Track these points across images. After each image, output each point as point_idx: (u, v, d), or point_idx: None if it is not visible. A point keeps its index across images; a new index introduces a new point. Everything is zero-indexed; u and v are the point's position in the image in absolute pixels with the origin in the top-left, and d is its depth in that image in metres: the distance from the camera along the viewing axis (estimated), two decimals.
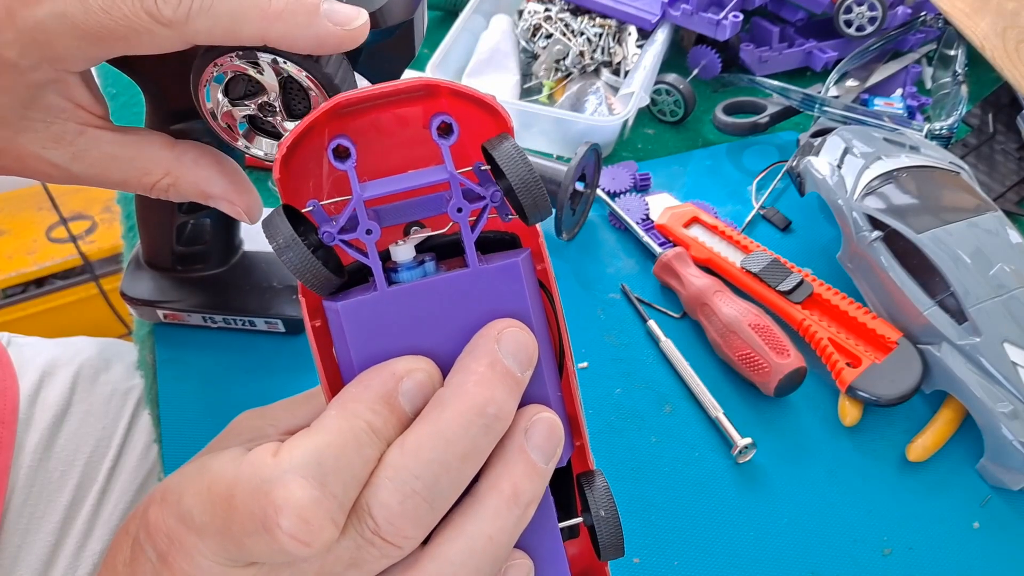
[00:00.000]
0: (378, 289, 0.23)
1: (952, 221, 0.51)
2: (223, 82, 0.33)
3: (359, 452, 0.22)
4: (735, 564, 0.43)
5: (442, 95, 0.25)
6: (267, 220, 0.23)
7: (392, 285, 0.23)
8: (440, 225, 0.26)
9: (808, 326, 0.51)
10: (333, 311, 0.24)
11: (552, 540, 0.26)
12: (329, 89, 0.32)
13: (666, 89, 0.68)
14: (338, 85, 0.32)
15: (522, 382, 0.23)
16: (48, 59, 0.30)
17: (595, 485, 0.26)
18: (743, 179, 0.65)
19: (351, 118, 0.25)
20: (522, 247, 0.27)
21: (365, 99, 0.24)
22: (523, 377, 0.23)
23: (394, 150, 0.26)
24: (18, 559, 0.50)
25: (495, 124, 0.26)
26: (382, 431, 0.22)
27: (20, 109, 0.31)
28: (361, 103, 0.24)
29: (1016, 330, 0.47)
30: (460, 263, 0.25)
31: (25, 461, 0.53)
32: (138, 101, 0.71)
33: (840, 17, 0.71)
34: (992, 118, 0.68)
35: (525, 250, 0.26)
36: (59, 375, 0.58)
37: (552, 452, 0.24)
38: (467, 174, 0.25)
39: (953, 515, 0.45)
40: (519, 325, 0.24)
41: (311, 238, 0.23)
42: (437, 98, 0.26)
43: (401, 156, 0.26)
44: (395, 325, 0.24)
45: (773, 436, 0.48)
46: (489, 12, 0.75)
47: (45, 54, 0.30)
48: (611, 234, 0.61)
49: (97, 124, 0.34)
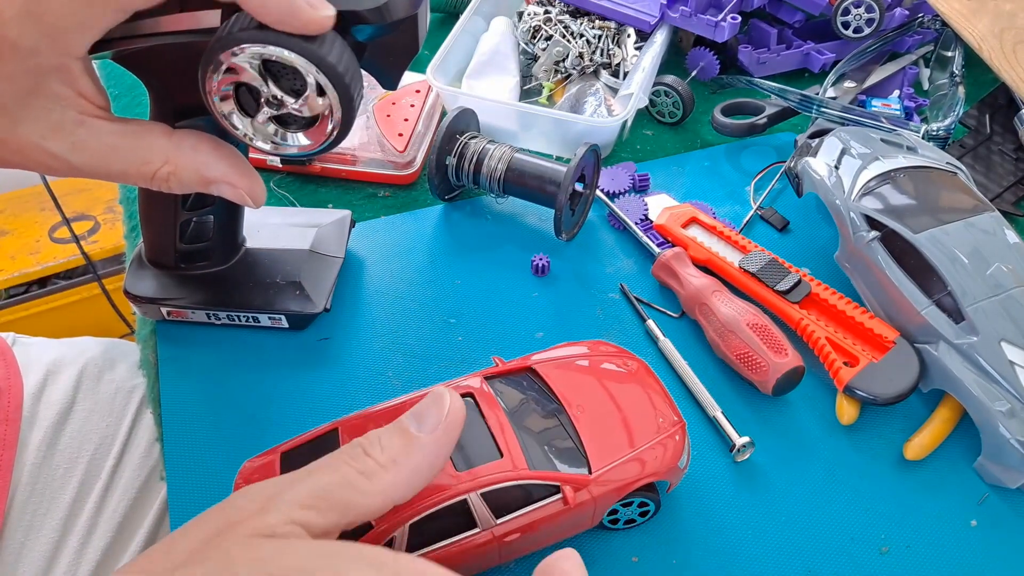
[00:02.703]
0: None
1: (949, 221, 0.51)
2: (231, 98, 0.33)
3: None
4: (733, 562, 0.43)
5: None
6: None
7: None
8: None
9: (806, 326, 0.51)
10: None
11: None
12: (325, 69, 0.32)
13: (665, 90, 0.68)
14: (332, 63, 0.32)
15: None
16: (47, 35, 0.30)
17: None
18: (741, 180, 0.66)
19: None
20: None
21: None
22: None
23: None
24: (21, 556, 0.50)
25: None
26: None
27: (22, 97, 0.31)
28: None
29: (1013, 329, 0.47)
30: None
31: (29, 459, 0.53)
32: (141, 102, 0.72)
33: (838, 19, 0.71)
34: (989, 119, 0.68)
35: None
36: (63, 374, 0.58)
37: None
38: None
39: (951, 513, 0.46)
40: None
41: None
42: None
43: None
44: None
45: (771, 435, 0.49)
46: (489, 14, 0.75)
47: (44, 29, 0.30)
48: (610, 234, 0.61)
49: (97, 114, 0.34)
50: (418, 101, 0.68)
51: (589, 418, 0.41)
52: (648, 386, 0.44)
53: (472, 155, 0.59)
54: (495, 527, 0.38)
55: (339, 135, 0.35)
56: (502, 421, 0.40)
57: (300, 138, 0.36)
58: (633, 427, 0.41)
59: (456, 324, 0.55)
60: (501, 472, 0.37)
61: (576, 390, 0.43)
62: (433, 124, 0.68)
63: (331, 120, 0.34)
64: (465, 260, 0.59)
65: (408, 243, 0.60)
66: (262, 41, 0.31)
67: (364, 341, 0.53)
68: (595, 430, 0.41)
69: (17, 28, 0.30)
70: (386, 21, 0.33)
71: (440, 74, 0.66)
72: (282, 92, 0.34)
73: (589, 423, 0.41)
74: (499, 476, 0.37)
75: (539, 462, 0.39)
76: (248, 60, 0.32)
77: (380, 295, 0.56)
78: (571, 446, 0.40)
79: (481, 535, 0.38)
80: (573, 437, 0.40)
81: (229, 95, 0.34)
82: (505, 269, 0.58)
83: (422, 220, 0.62)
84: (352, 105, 0.34)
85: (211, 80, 0.32)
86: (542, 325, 0.55)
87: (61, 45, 0.31)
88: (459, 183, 0.61)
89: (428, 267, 0.58)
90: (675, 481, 0.43)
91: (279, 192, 0.64)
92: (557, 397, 0.42)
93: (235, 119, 0.34)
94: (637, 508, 0.43)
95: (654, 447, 0.41)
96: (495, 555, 0.39)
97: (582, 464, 0.40)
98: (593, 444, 0.40)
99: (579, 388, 0.43)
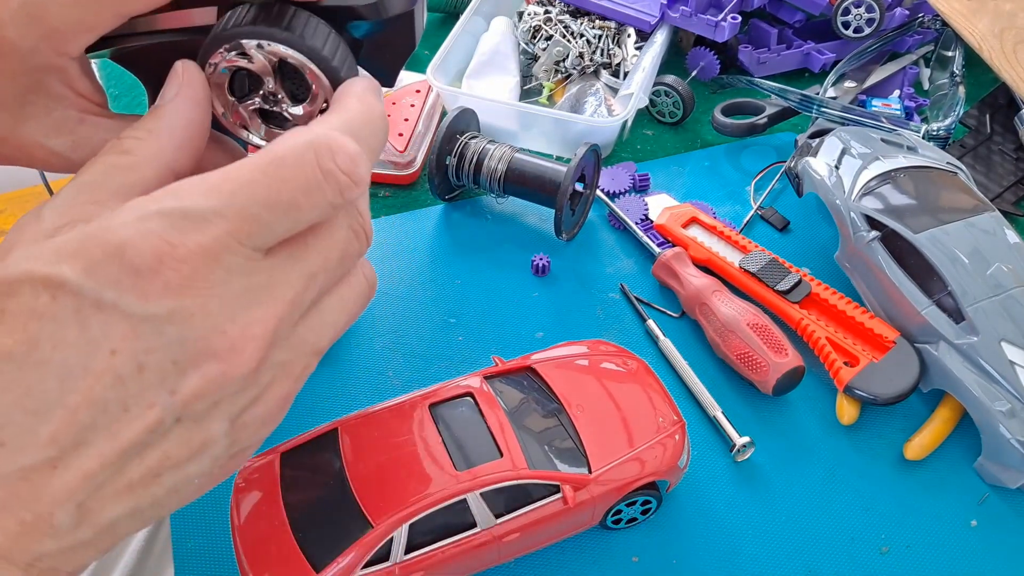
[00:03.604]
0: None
1: (949, 221, 0.51)
2: (225, 83, 0.33)
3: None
4: (733, 562, 0.43)
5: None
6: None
7: None
8: None
9: (806, 325, 0.51)
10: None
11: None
12: (318, 60, 0.32)
13: (665, 90, 0.68)
14: (327, 56, 0.32)
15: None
16: (45, 35, 0.30)
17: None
18: (741, 180, 0.66)
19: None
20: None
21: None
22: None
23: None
24: None
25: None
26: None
27: (22, 96, 0.32)
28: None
29: (1013, 329, 0.47)
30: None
31: None
32: (141, 102, 0.72)
33: (838, 19, 0.71)
34: (989, 119, 0.68)
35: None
36: None
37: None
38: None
39: (951, 513, 0.46)
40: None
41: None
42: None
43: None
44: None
45: (771, 435, 0.49)
46: (489, 14, 0.75)
47: (42, 31, 0.30)
48: (610, 234, 0.61)
49: (96, 112, 0.34)
50: (418, 101, 0.68)
51: (589, 417, 0.41)
52: (648, 385, 0.44)
53: (472, 155, 0.59)
54: (495, 527, 0.38)
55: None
56: (502, 421, 0.40)
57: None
58: (633, 427, 0.41)
59: (456, 324, 0.54)
60: (501, 472, 0.37)
61: (576, 390, 0.43)
62: (433, 124, 0.68)
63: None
64: (465, 260, 0.59)
65: (408, 243, 0.60)
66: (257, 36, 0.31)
67: (364, 341, 0.53)
68: (595, 430, 0.41)
69: (16, 29, 0.30)
70: (382, 17, 0.33)
71: (440, 74, 0.66)
72: (283, 91, 0.34)
73: (589, 423, 0.41)
74: (499, 476, 0.37)
75: (539, 462, 0.39)
76: (267, 55, 0.32)
77: (380, 295, 0.56)
78: (571, 446, 0.40)
79: (481, 535, 0.38)
80: (573, 437, 0.40)
81: (226, 76, 0.34)
82: (505, 269, 0.58)
83: (422, 220, 0.62)
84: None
85: (219, 55, 0.32)
86: (542, 325, 0.55)
87: (59, 46, 0.31)
88: (459, 183, 0.61)
89: (428, 267, 0.58)
90: (675, 480, 0.43)
91: None
92: (557, 397, 0.42)
93: (215, 98, 0.34)
94: (640, 507, 0.43)
95: (654, 447, 0.41)
96: (495, 555, 0.39)
97: (582, 464, 0.40)
98: (593, 444, 0.40)
99: (579, 388, 0.43)
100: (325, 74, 0.33)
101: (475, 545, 0.38)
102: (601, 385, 0.43)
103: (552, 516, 0.39)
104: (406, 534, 0.36)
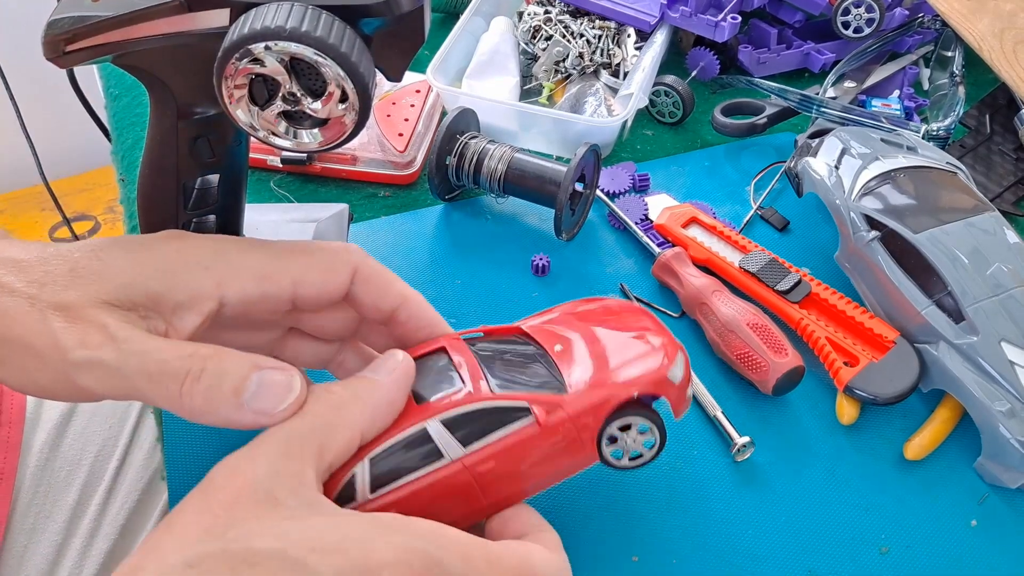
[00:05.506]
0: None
1: (949, 221, 0.51)
2: (246, 95, 0.33)
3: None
4: (733, 562, 0.43)
5: None
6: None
7: None
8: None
9: (806, 325, 0.51)
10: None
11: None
12: (328, 51, 0.32)
13: (665, 90, 0.68)
14: (334, 44, 0.32)
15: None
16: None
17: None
18: (741, 180, 0.66)
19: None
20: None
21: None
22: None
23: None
24: (24, 558, 0.50)
25: None
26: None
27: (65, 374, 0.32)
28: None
29: (1013, 329, 0.47)
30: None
31: (32, 461, 0.53)
32: (141, 102, 0.72)
33: (838, 19, 0.71)
34: (989, 119, 0.68)
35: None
36: None
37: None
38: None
39: (950, 513, 0.46)
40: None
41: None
42: None
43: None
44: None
45: (771, 435, 0.49)
46: (489, 14, 0.75)
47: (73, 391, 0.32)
48: (610, 234, 0.61)
49: None
50: (418, 101, 0.68)
51: (568, 353, 0.39)
52: (636, 316, 0.42)
53: (472, 155, 0.59)
54: (465, 456, 0.36)
55: (355, 131, 0.35)
56: (470, 361, 0.38)
57: (316, 134, 0.36)
58: (614, 349, 0.39)
59: (456, 324, 0.54)
60: (460, 398, 0.36)
61: (560, 334, 0.41)
62: (433, 124, 0.68)
63: (348, 116, 0.34)
64: (465, 260, 0.59)
65: (408, 243, 0.60)
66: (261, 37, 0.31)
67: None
68: (573, 360, 0.39)
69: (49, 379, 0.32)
70: (394, 14, 0.34)
71: (440, 74, 0.66)
72: (301, 90, 0.34)
73: (568, 356, 0.39)
74: (459, 400, 0.36)
75: (506, 389, 0.37)
76: (278, 55, 0.32)
77: None
78: (548, 378, 0.38)
79: (451, 466, 0.35)
80: (551, 370, 0.39)
81: (244, 85, 0.34)
82: (505, 269, 0.58)
83: (422, 220, 0.62)
84: (369, 98, 0.34)
85: (232, 66, 0.32)
86: None
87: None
88: (459, 183, 0.61)
89: (428, 267, 0.58)
90: (676, 401, 0.39)
91: (279, 192, 0.64)
92: (540, 345, 0.40)
93: (240, 112, 0.34)
94: (638, 435, 0.38)
95: (635, 359, 0.38)
96: (477, 495, 0.36)
97: (559, 390, 0.37)
98: (570, 371, 0.38)
99: (563, 331, 0.41)
100: (335, 61, 0.33)
101: (447, 479, 0.35)
102: (586, 325, 0.41)
103: (527, 441, 0.36)
104: (368, 469, 0.35)
